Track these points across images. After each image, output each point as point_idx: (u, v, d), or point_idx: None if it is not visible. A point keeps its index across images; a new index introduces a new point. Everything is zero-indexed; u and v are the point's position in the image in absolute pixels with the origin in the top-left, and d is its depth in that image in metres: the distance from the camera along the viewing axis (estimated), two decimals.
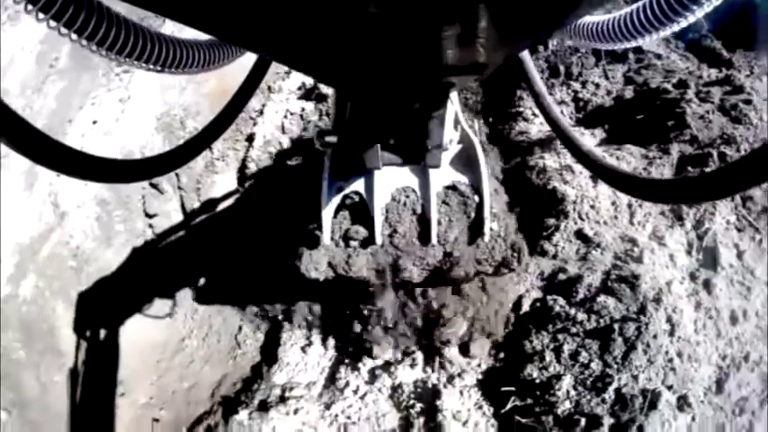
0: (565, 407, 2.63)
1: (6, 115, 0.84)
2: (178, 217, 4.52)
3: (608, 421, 2.59)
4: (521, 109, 3.61)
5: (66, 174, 1.00)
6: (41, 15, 0.95)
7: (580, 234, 2.92)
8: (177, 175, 4.52)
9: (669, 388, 2.71)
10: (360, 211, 2.61)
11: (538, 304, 2.82)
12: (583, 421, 2.61)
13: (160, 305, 4.26)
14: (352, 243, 2.59)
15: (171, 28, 4.04)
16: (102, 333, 4.07)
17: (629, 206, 3.02)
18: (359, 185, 2.60)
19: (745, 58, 4.36)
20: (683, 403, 2.73)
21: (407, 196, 2.61)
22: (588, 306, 2.69)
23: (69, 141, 4.31)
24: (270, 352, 3.95)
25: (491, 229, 2.53)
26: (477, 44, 1.01)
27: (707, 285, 2.92)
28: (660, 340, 2.66)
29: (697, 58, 4.29)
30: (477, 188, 2.58)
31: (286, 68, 4.84)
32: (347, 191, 2.60)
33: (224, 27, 0.96)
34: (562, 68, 3.83)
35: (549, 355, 2.68)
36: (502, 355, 2.83)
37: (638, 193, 1.24)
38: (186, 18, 0.90)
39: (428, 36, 0.95)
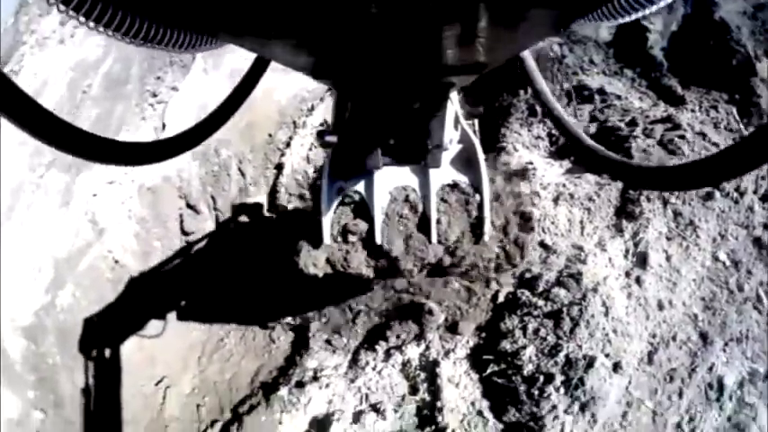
0: (529, 369, 4.05)
1: (10, 91, 0.86)
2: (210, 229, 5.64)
3: (559, 378, 4.00)
4: (504, 144, 5.04)
5: (71, 154, 1.05)
6: None
7: (542, 244, 4.33)
8: (213, 197, 5.64)
9: (606, 355, 4.11)
10: (360, 210, 2.82)
11: (510, 296, 4.24)
12: (541, 378, 4.01)
13: (198, 312, 5.27)
14: (351, 238, 2.79)
15: None
16: (137, 338, 5.01)
17: (581, 222, 4.43)
18: (359, 185, 2.80)
19: (697, 93, 5.75)
20: (617, 367, 4.11)
21: (407, 195, 2.81)
22: (546, 295, 4.11)
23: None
24: (301, 344, 5.01)
25: (492, 226, 2.85)
26: (477, 44, 1.09)
27: (638, 280, 4.31)
28: (597, 319, 4.07)
29: (655, 95, 5.68)
30: (477, 187, 2.83)
31: (309, 106, 6.20)
32: (347, 191, 2.82)
33: (224, 26, 1.02)
34: (539, 109, 5.24)
35: (517, 332, 4.10)
36: (484, 334, 4.24)
37: (638, 181, 1.42)
38: (186, 18, 0.96)
39: (429, 36, 1.02)
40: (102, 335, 4.94)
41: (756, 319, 4.74)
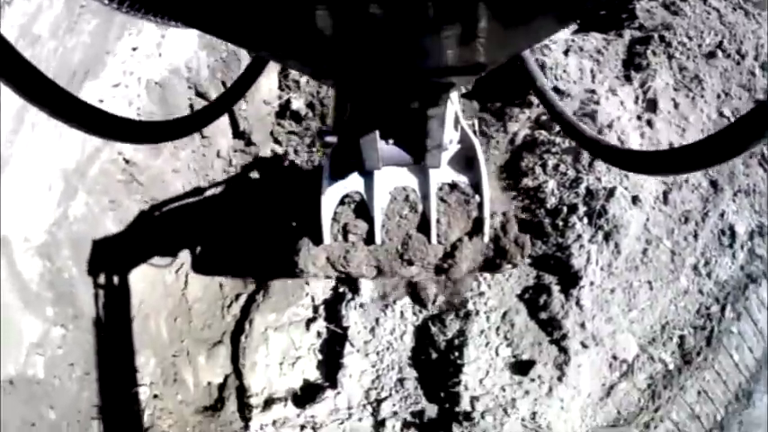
0: (551, 202, 4.33)
1: (8, 54, 0.86)
2: (224, 122, 5.68)
3: (582, 208, 4.29)
4: None
5: (64, 121, 1.05)
6: None
7: (556, 89, 4.64)
8: (224, 83, 5.63)
9: (625, 188, 4.42)
10: (360, 210, 2.93)
11: (528, 138, 4.54)
12: (565, 209, 4.31)
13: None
14: (352, 237, 2.89)
15: None
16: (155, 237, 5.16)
17: (591, 71, 4.76)
18: (359, 185, 2.90)
19: None
20: (635, 200, 4.43)
21: (407, 196, 2.91)
22: (563, 133, 4.41)
23: (109, 68, 5.23)
24: None
25: (493, 228, 2.90)
26: (478, 44, 1.09)
27: (649, 123, 4.64)
28: None
29: None
30: (476, 188, 2.90)
31: None
32: (347, 191, 2.91)
33: (220, 26, 1.05)
34: None
35: (538, 169, 4.39)
36: (505, 174, 4.53)
37: (643, 167, 1.45)
38: (180, 16, 0.98)
39: (428, 36, 1.04)
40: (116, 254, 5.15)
41: (762, 176, 5.11)
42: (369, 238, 2.88)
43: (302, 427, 4.52)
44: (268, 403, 4.67)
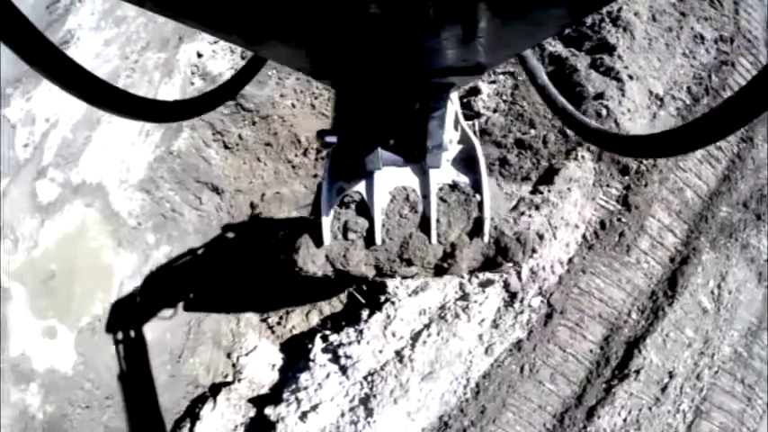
0: (588, 20, 8.20)
1: (11, 14, 0.88)
2: None
3: (607, 18, 8.15)
4: None
5: (66, 89, 1.09)
6: None
7: None
8: None
9: (627, 7, 8.33)
10: (360, 210, 3.09)
11: None
12: (597, 20, 8.16)
13: None
14: (352, 235, 3.06)
15: None
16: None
17: None
18: (359, 186, 3.06)
19: None
20: (636, 14, 8.30)
21: (407, 196, 3.07)
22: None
23: None
24: None
25: (495, 228, 3.08)
26: (478, 44, 1.15)
27: None
28: None
29: None
30: (477, 187, 3.07)
31: None
32: (347, 191, 3.08)
33: (220, 26, 1.10)
34: None
35: None
36: None
37: (646, 152, 1.56)
38: (178, 15, 1.04)
39: (429, 37, 1.10)
40: (225, 165, 6.54)
41: (713, 12, 9.05)
42: (369, 238, 3.03)
43: None
44: None
